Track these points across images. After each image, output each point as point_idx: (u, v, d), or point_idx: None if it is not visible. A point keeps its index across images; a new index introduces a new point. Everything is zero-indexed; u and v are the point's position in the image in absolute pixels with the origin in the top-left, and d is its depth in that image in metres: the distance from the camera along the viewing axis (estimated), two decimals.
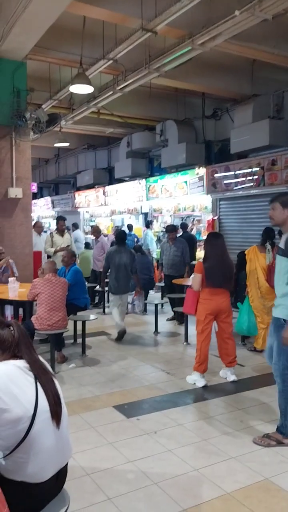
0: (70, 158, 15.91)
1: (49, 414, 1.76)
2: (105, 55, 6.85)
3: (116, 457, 3.09)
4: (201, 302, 4.52)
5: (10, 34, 6.15)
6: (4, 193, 7.19)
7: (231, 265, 4.64)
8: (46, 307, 4.91)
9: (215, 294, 4.47)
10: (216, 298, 4.48)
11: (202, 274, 4.45)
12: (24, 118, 6.75)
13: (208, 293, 4.47)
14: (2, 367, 1.75)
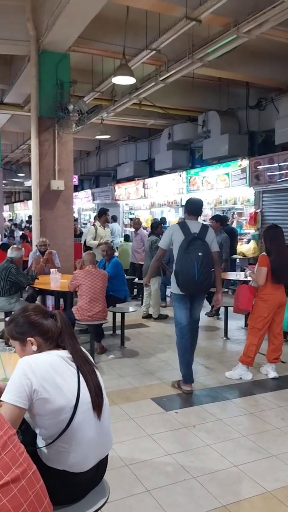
0: (111, 150, 15.98)
1: (91, 405, 1.77)
2: (148, 46, 6.79)
3: (155, 449, 3.09)
4: (263, 297, 4.41)
5: (54, 26, 6.21)
6: (46, 185, 7.30)
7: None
8: (87, 298, 4.96)
9: (277, 288, 4.40)
10: (278, 293, 4.41)
11: (268, 268, 4.35)
12: (66, 110, 6.80)
13: (271, 288, 4.38)
14: (45, 357, 1.77)
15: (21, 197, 30.35)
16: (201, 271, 3.98)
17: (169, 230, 4.35)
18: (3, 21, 6.93)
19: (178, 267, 4.07)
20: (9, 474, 1.21)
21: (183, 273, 4.03)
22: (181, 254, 4.05)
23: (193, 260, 3.98)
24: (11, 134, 15.03)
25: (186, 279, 4.02)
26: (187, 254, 4.02)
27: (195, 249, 4.03)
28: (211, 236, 4.22)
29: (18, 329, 1.87)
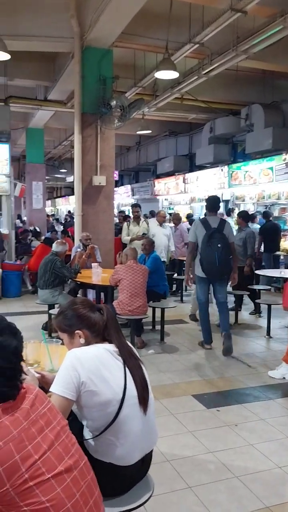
0: (151, 145, 15.98)
1: (137, 400, 1.78)
2: (191, 39, 6.72)
3: (196, 446, 3.07)
4: None
5: (98, 23, 6.25)
6: (88, 181, 7.38)
7: None
8: (128, 293, 4.99)
9: None
10: None
11: None
12: (109, 106, 6.84)
13: None
14: (93, 350, 1.79)
15: (63, 192, 30.88)
16: (221, 258, 4.97)
17: (193, 226, 5.34)
18: (48, 19, 7.05)
19: (203, 256, 5.04)
20: (62, 464, 1.24)
21: (206, 260, 5.01)
22: (204, 246, 5.02)
23: (214, 250, 4.95)
24: (54, 131, 15.29)
25: (209, 265, 5.01)
26: (209, 246, 4.98)
27: (215, 241, 4.99)
28: (228, 229, 5.17)
29: (66, 321, 1.90)
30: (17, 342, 1.32)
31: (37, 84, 10.29)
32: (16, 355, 1.29)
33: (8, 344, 1.27)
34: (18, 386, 1.28)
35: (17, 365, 1.29)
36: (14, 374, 1.27)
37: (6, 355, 1.26)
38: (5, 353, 1.26)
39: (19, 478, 1.14)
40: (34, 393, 1.32)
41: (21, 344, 1.33)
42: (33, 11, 6.97)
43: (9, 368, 1.25)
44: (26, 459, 1.17)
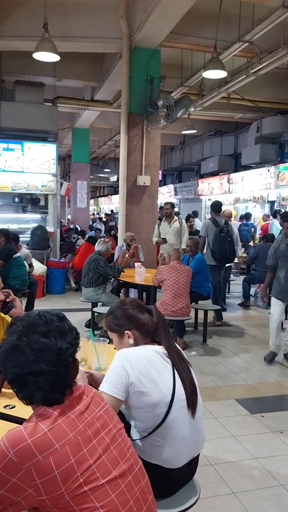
0: (195, 145, 15.86)
1: (185, 403, 1.77)
2: (240, 38, 6.62)
3: (240, 451, 3.03)
4: None
5: (147, 23, 6.28)
6: (133, 181, 7.43)
7: None
8: (171, 294, 4.98)
9: None
10: None
11: None
12: (156, 106, 6.85)
13: None
14: (142, 351, 1.80)
15: (105, 191, 31.21)
16: (230, 249, 6.47)
17: (204, 224, 6.77)
18: (96, 21, 7.14)
19: (215, 247, 6.41)
20: (117, 469, 1.22)
21: (219, 251, 6.39)
22: (216, 239, 6.40)
23: (225, 242, 6.39)
24: (99, 130, 15.48)
25: (221, 255, 6.42)
26: (220, 239, 6.37)
27: (224, 235, 6.42)
28: (231, 227, 6.84)
29: (116, 321, 1.92)
30: (65, 344, 1.23)
31: (84, 84, 10.46)
32: (60, 357, 1.21)
33: (51, 345, 1.20)
34: (63, 391, 1.23)
35: (61, 368, 1.21)
36: (58, 378, 1.21)
37: (48, 358, 1.19)
38: (48, 356, 1.20)
39: (74, 482, 1.13)
40: (90, 394, 1.32)
41: (72, 347, 1.25)
42: (82, 13, 7.09)
43: (51, 371, 1.19)
44: (82, 463, 1.15)
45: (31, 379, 1.19)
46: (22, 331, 1.22)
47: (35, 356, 1.19)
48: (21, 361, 1.19)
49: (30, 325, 1.23)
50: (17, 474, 1.10)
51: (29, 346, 1.20)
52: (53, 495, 1.11)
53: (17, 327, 1.25)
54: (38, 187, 9.00)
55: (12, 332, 1.24)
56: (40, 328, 1.23)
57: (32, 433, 1.13)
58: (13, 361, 1.20)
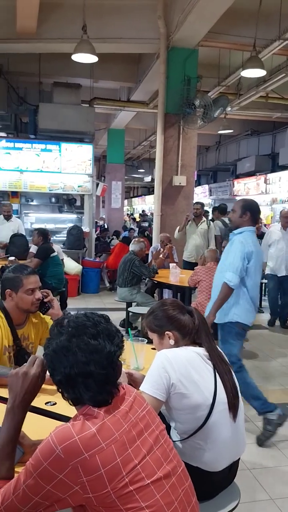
0: (231, 145, 15.68)
1: (227, 406, 1.74)
2: (280, 35, 6.48)
3: (278, 457, 2.96)
4: None
5: (185, 23, 6.25)
6: (168, 181, 7.42)
7: None
8: (207, 295, 4.93)
9: None
10: None
11: None
12: (193, 105, 6.81)
13: None
14: (183, 353, 1.78)
15: (139, 192, 31.32)
16: None
17: (216, 225, 7.36)
18: (134, 21, 7.17)
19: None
20: (161, 469, 1.21)
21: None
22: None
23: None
24: (134, 131, 15.54)
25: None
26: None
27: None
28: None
29: (156, 322, 1.91)
30: (114, 347, 1.24)
31: (120, 85, 10.52)
32: (109, 360, 1.21)
33: (101, 348, 1.21)
34: (111, 391, 1.23)
35: (109, 370, 1.22)
36: (106, 379, 1.21)
37: (98, 360, 1.20)
38: (98, 358, 1.20)
39: (120, 481, 1.13)
40: (133, 395, 1.32)
41: (119, 350, 1.26)
42: (119, 14, 7.14)
43: (101, 374, 1.20)
44: (127, 462, 1.15)
45: (80, 380, 1.20)
46: (72, 332, 1.22)
47: (85, 358, 1.19)
48: (70, 362, 1.20)
49: (79, 326, 1.24)
50: (64, 470, 1.11)
51: (79, 347, 1.20)
52: (99, 494, 1.12)
53: (65, 327, 1.25)
54: (74, 188, 9.12)
55: (60, 333, 1.24)
56: (90, 330, 1.23)
57: (80, 431, 1.14)
58: (62, 362, 1.21)
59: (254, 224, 3.29)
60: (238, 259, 3.09)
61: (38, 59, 8.54)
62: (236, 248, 3.14)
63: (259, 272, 3.29)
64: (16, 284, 2.32)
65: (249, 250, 3.12)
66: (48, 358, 1.25)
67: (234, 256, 3.12)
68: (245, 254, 3.11)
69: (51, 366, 1.24)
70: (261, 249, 3.44)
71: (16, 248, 7.25)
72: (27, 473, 1.14)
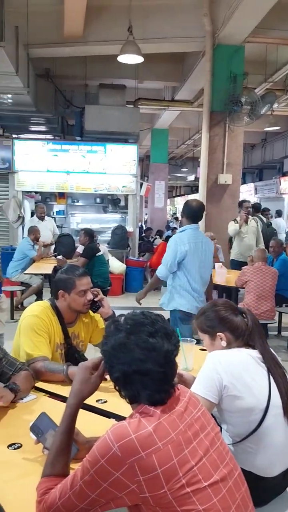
0: (278, 142, 15.30)
1: (281, 410, 1.70)
2: None
3: None
4: None
5: (231, 19, 6.16)
6: (214, 179, 7.34)
7: None
8: (254, 296, 4.85)
9: None
10: None
11: None
12: (240, 103, 6.71)
13: None
14: (236, 355, 1.76)
15: (182, 191, 31.20)
16: None
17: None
18: (179, 20, 7.14)
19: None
20: (218, 472, 1.19)
21: None
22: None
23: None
24: (177, 130, 15.48)
25: None
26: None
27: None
28: None
29: (208, 322, 1.89)
30: (171, 346, 1.23)
31: (165, 85, 10.51)
32: (167, 359, 1.21)
33: (159, 346, 1.20)
34: (168, 391, 1.23)
35: (167, 369, 1.22)
36: (163, 378, 1.21)
37: (156, 358, 1.19)
38: (156, 356, 1.19)
39: (177, 482, 1.12)
40: (187, 395, 1.31)
41: (176, 349, 1.25)
42: (164, 13, 7.12)
43: (158, 372, 1.19)
44: (184, 463, 1.14)
45: (138, 378, 1.20)
46: (130, 329, 1.23)
47: (143, 355, 1.19)
48: (128, 359, 1.20)
49: (137, 324, 1.24)
50: (121, 468, 1.11)
51: (137, 344, 1.20)
52: (156, 494, 1.11)
53: (123, 325, 1.25)
54: (119, 188, 9.21)
55: (118, 330, 1.25)
56: (147, 328, 1.23)
57: (136, 430, 1.14)
58: (119, 359, 1.22)
59: (192, 222, 3.64)
60: (170, 254, 3.51)
61: (84, 62, 8.68)
62: (170, 245, 3.59)
63: (198, 265, 3.58)
64: (68, 285, 2.36)
65: (183, 248, 3.48)
66: (106, 355, 1.26)
67: (168, 251, 3.58)
68: (179, 252, 3.47)
69: (108, 363, 1.25)
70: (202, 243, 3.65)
71: (63, 248, 7.43)
72: (84, 470, 1.16)
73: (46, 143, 8.99)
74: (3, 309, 3.44)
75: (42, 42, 7.24)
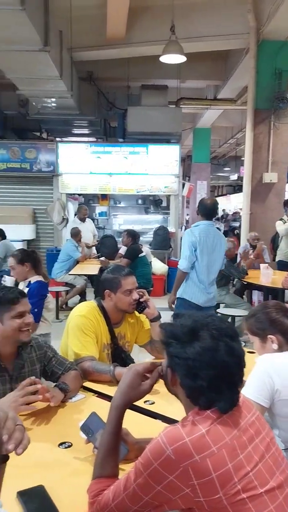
0: None
1: None
2: None
3: None
4: None
5: (277, 14, 6.06)
6: (259, 178, 7.19)
7: None
8: None
9: None
10: None
11: None
12: (285, 100, 6.55)
13: None
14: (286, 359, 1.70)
15: (224, 191, 30.84)
16: None
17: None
18: (222, 17, 7.04)
19: None
20: (274, 479, 1.15)
21: None
22: None
23: None
24: (220, 129, 15.31)
25: None
26: None
27: None
28: None
29: (258, 325, 1.85)
30: (242, 350, 1.21)
31: (207, 84, 10.40)
32: (242, 363, 1.19)
33: (241, 350, 1.18)
34: (237, 394, 1.21)
35: (241, 373, 1.20)
36: (239, 382, 1.20)
37: (239, 362, 1.17)
38: (238, 360, 1.17)
39: (232, 487, 1.08)
40: (240, 399, 1.27)
41: (244, 353, 1.22)
42: (207, 11, 7.05)
43: (238, 375, 1.18)
44: (239, 469, 1.10)
45: (224, 384, 1.16)
46: (215, 334, 1.18)
47: (230, 360, 1.16)
48: (218, 363, 1.16)
49: (219, 328, 1.20)
50: (175, 472, 1.09)
51: (225, 348, 1.16)
52: (211, 499, 1.09)
53: (204, 330, 1.20)
54: (161, 189, 9.21)
55: (196, 335, 1.19)
56: (228, 331, 1.19)
57: (190, 433, 1.12)
58: (209, 364, 1.16)
59: (206, 218, 3.99)
60: (186, 247, 3.83)
61: (126, 64, 8.73)
62: (184, 239, 3.94)
63: (207, 258, 3.86)
64: (114, 285, 2.38)
65: (193, 239, 3.83)
66: (189, 363, 1.18)
67: (183, 245, 3.91)
68: (191, 242, 3.82)
69: (191, 372, 1.17)
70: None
71: (106, 249, 7.50)
72: (137, 472, 1.15)
73: (89, 146, 9.11)
74: (50, 309, 3.50)
75: (85, 46, 7.35)
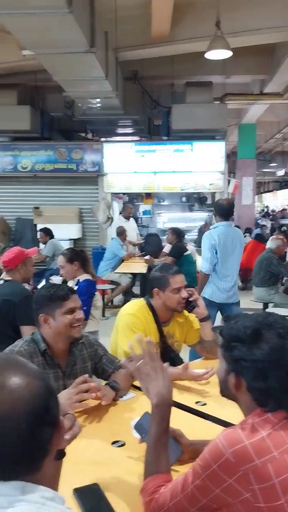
0: None
1: None
2: None
3: None
4: None
5: None
6: None
7: None
8: None
9: None
10: None
11: None
12: None
13: None
14: None
15: (270, 187, 30.16)
16: None
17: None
18: (268, 10, 6.86)
19: None
20: None
21: None
22: None
23: None
24: (265, 124, 14.96)
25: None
26: None
27: None
28: None
29: None
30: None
31: (252, 78, 10.18)
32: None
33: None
34: None
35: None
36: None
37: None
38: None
39: None
40: None
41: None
42: (253, 4, 6.88)
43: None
44: None
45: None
46: (282, 333, 1.16)
47: None
48: (285, 362, 1.14)
49: (285, 326, 1.18)
50: (234, 475, 1.07)
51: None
52: (272, 505, 1.06)
53: (272, 328, 1.17)
54: (206, 186, 9.12)
55: (259, 335, 1.17)
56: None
57: (250, 436, 1.09)
58: (280, 365, 1.14)
59: (224, 219, 4.00)
60: (206, 250, 3.90)
61: (170, 61, 8.69)
62: (203, 242, 3.98)
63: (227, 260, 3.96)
64: (163, 283, 2.37)
65: (213, 242, 3.89)
66: (259, 365, 1.15)
67: (203, 247, 3.97)
68: (211, 245, 3.89)
69: (261, 374, 1.14)
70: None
71: (150, 247, 7.53)
72: (195, 474, 1.13)
73: (134, 145, 9.15)
74: (98, 307, 3.55)
75: (130, 45, 7.39)
